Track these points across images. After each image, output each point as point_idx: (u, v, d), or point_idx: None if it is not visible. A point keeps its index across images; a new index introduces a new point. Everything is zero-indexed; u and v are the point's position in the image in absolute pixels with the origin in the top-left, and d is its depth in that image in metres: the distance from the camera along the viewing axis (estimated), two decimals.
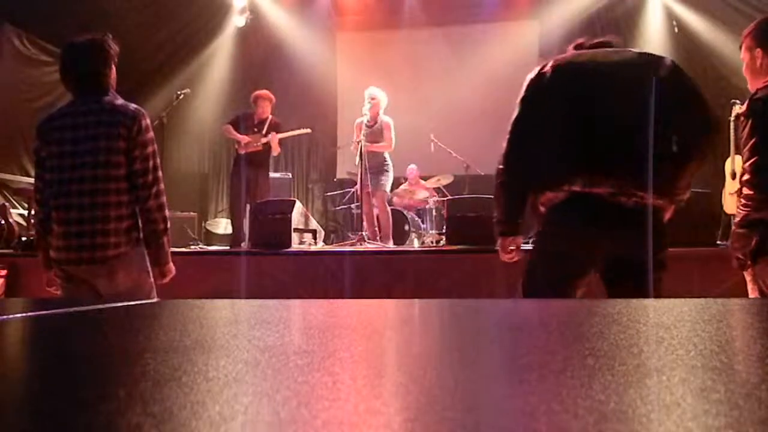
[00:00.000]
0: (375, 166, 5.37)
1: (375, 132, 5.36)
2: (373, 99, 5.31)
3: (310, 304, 1.04)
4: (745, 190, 2.11)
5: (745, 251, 2.07)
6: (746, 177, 2.09)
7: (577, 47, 2.03)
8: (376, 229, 5.53)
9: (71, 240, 2.16)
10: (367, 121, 5.35)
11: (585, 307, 1.15)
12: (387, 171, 5.47)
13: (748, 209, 2.09)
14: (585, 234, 1.81)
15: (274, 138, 5.44)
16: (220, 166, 9.16)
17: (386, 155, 5.45)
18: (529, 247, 2.06)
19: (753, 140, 2.07)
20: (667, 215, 1.87)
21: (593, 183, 1.77)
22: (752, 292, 2.13)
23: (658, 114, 1.74)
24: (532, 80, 1.93)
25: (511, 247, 2.04)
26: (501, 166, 1.99)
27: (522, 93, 1.96)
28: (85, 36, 2.27)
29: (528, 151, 1.92)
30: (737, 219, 2.15)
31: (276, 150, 5.54)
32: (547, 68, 1.92)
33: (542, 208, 1.91)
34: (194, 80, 8.16)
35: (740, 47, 2.27)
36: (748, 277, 2.16)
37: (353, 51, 8.89)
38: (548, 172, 1.86)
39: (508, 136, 1.97)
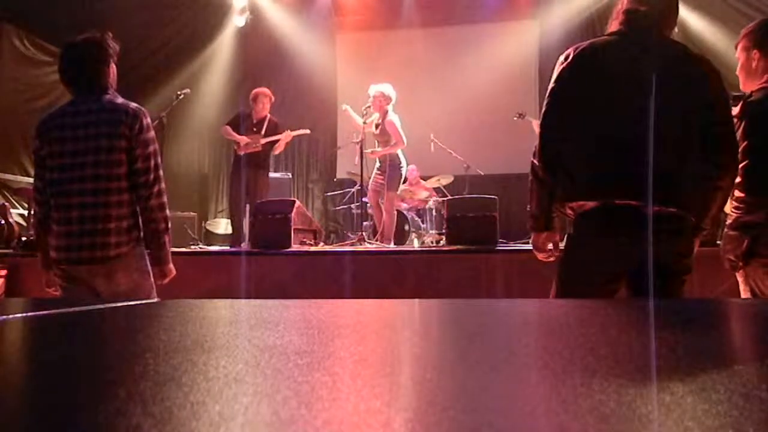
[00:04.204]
0: (388, 164, 5.30)
1: (384, 132, 5.29)
2: (374, 97, 5.26)
3: (310, 304, 1.04)
4: (737, 193, 2.11)
5: (737, 253, 2.08)
6: (738, 179, 2.09)
7: (628, 18, 1.84)
8: (380, 228, 5.51)
9: (72, 239, 2.15)
10: (376, 119, 5.31)
11: (585, 307, 1.15)
12: (398, 169, 5.35)
13: (740, 212, 2.09)
14: (615, 243, 1.77)
15: (288, 136, 5.45)
16: (220, 166, 9.17)
17: (399, 152, 5.35)
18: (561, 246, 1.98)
19: (745, 143, 2.07)
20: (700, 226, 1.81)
21: (625, 195, 1.72)
22: (744, 293, 2.14)
23: (693, 128, 1.71)
24: (563, 70, 1.83)
25: (550, 246, 1.94)
26: (536, 162, 1.88)
27: (552, 83, 1.86)
28: (84, 35, 2.27)
29: (559, 153, 1.83)
30: (729, 221, 2.15)
31: (280, 149, 5.54)
32: (577, 55, 1.81)
33: (570, 212, 1.86)
34: (194, 80, 8.15)
35: (736, 46, 2.27)
36: (740, 279, 2.17)
37: (353, 51, 8.89)
38: (579, 181, 1.80)
39: (539, 131, 1.89)
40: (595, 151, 1.78)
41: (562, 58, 1.87)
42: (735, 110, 2.13)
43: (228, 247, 5.77)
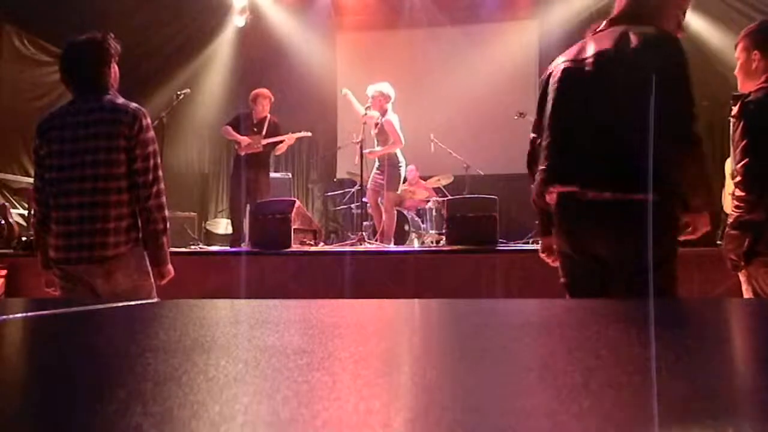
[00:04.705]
0: (387, 164, 5.31)
1: (382, 132, 5.30)
2: (373, 96, 5.27)
3: (310, 304, 1.04)
4: (738, 192, 2.12)
5: (738, 252, 2.08)
6: (738, 179, 2.10)
7: (608, 19, 1.96)
8: (380, 228, 5.51)
9: (71, 239, 2.15)
10: (376, 118, 5.32)
11: (585, 306, 1.15)
12: (397, 169, 5.36)
13: (741, 211, 2.10)
14: (574, 234, 1.83)
15: (290, 138, 5.45)
16: (220, 166, 9.17)
17: (397, 152, 5.36)
18: None
19: (744, 142, 2.08)
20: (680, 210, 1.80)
21: (566, 181, 1.79)
22: (746, 293, 2.14)
23: (636, 103, 1.66)
24: (541, 81, 1.99)
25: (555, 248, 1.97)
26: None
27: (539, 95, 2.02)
28: (85, 35, 2.27)
29: (534, 155, 1.98)
30: (730, 220, 2.16)
31: (281, 150, 5.54)
32: (552, 68, 1.94)
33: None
34: (194, 80, 8.15)
35: (736, 46, 2.27)
36: (742, 278, 2.17)
37: (353, 51, 8.89)
38: (539, 176, 1.89)
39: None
40: (550, 144, 1.87)
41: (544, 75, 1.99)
42: (734, 110, 2.14)
43: (228, 247, 5.77)
